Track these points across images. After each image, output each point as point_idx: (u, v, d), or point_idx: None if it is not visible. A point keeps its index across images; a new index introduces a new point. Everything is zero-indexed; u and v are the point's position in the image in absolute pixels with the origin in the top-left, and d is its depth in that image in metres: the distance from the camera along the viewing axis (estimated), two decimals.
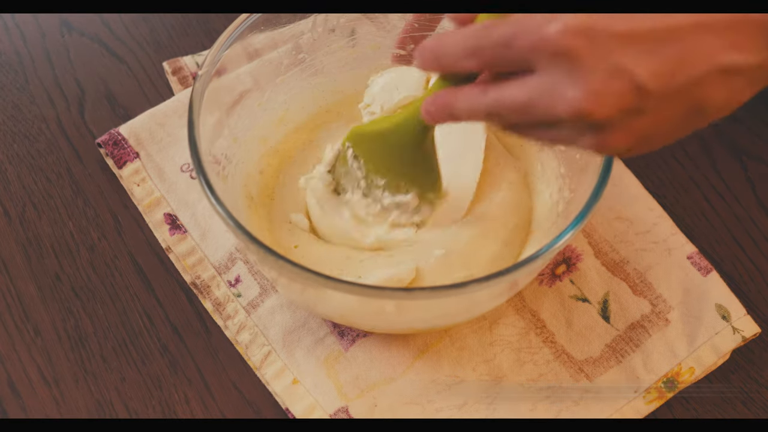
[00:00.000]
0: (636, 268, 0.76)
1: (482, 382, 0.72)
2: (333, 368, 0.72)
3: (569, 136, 0.53)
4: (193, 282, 0.75)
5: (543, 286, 0.75)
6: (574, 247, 0.77)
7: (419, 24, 0.76)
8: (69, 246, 0.77)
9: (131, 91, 0.85)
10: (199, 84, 0.68)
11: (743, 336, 0.73)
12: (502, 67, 0.53)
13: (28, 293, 0.75)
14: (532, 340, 0.73)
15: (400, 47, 0.78)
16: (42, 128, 0.82)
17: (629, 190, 0.79)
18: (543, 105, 0.51)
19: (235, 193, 0.73)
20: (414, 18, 0.76)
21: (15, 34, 0.87)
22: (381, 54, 0.79)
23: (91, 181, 0.80)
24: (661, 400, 0.72)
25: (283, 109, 0.78)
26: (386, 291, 0.64)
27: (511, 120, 0.54)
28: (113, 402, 0.71)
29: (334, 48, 0.78)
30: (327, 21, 0.77)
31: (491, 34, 0.52)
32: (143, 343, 0.73)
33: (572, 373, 0.72)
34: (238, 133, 0.74)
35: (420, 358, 0.72)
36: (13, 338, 0.73)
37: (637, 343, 0.73)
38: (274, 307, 0.74)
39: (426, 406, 0.71)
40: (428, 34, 0.77)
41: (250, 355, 0.72)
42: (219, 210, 0.63)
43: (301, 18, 0.76)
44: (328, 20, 0.77)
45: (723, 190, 0.81)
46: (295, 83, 0.78)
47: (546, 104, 0.51)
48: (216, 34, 0.86)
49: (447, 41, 0.54)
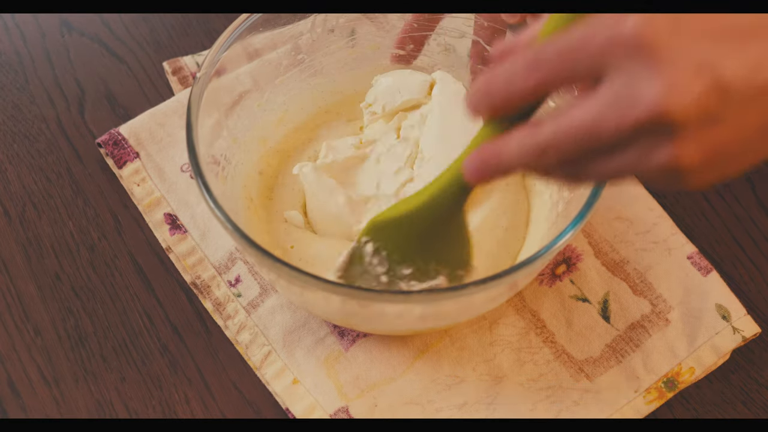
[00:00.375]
0: (636, 268, 0.76)
1: (482, 382, 0.72)
2: (333, 368, 0.72)
3: (637, 158, 0.47)
4: (193, 282, 0.75)
5: (543, 286, 0.75)
6: (574, 247, 0.77)
7: (418, 24, 0.76)
8: (69, 246, 0.77)
9: (131, 91, 0.85)
10: (198, 87, 0.68)
11: (743, 336, 0.73)
12: (568, 79, 0.48)
13: (28, 293, 0.75)
14: (532, 340, 0.73)
15: (399, 47, 0.78)
16: (42, 128, 0.82)
17: (629, 190, 0.79)
18: (614, 117, 0.46)
19: (234, 194, 0.73)
20: (413, 18, 0.76)
21: (15, 34, 0.87)
22: (381, 54, 0.79)
23: (91, 181, 0.80)
24: (661, 400, 0.72)
25: (283, 109, 0.78)
26: (384, 294, 0.64)
27: (570, 153, 0.48)
28: (113, 402, 0.71)
29: (334, 48, 0.78)
30: (326, 21, 0.77)
31: (555, 42, 0.47)
32: (143, 343, 0.73)
33: (572, 373, 0.72)
34: (237, 134, 0.74)
35: (420, 358, 0.72)
36: (13, 338, 0.73)
37: (637, 343, 0.73)
38: (275, 307, 0.74)
39: (426, 406, 0.71)
40: (428, 34, 0.77)
41: (250, 355, 0.73)
42: (216, 212, 0.63)
43: (300, 18, 0.76)
44: (327, 20, 0.77)
45: (723, 190, 0.81)
46: (294, 84, 0.78)
47: (617, 115, 0.46)
48: (216, 34, 0.86)
49: (502, 67, 0.49)
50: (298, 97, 0.78)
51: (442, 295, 0.62)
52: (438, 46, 0.79)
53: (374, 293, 0.64)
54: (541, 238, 0.72)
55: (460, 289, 0.62)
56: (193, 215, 0.77)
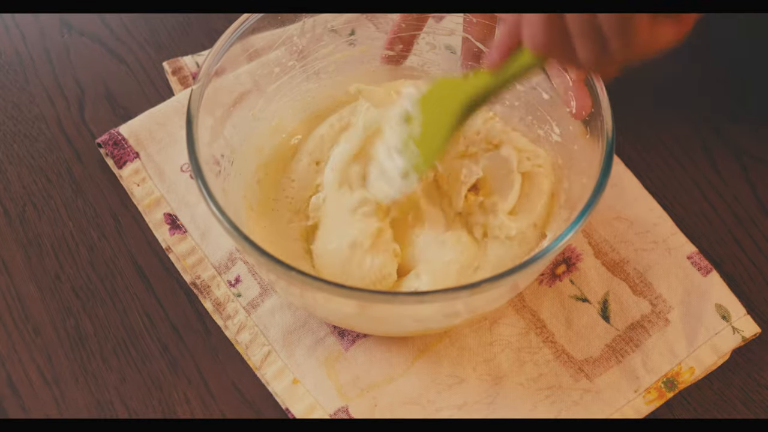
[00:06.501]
0: (636, 268, 0.76)
1: (482, 382, 0.72)
2: (333, 368, 0.72)
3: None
4: (193, 282, 0.75)
5: (543, 286, 0.75)
6: (574, 247, 0.77)
7: (406, 24, 0.76)
8: (69, 246, 0.77)
9: (131, 91, 0.85)
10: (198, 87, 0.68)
11: (743, 336, 0.73)
12: None
13: (28, 293, 0.75)
14: (532, 340, 0.73)
15: (389, 48, 0.78)
16: (42, 128, 0.82)
17: (629, 190, 0.79)
18: None
19: (234, 194, 0.73)
20: (401, 18, 0.76)
21: (15, 34, 0.87)
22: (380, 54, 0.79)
23: (91, 181, 0.80)
24: (661, 400, 0.72)
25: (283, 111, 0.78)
26: (385, 296, 0.64)
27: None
28: (113, 402, 0.71)
29: (333, 49, 0.78)
30: (327, 22, 0.77)
31: None
32: (143, 343, 0.73)
33: (572, 373, 0.72)
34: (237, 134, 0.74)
35: (420, 358, 0.72)
36: (13, 338, 0.73)
37: (637, 343, 0.73)
38: (274, 307, 0.74)
39: (426, 406, 0.71)
40: (416, 33, 0.77)
41: (250, 355, 0.73)
42: (216, 213, 0.63)
43: (300, 18, 0.76)
44: (327, 21, 0.77)
45: (723, 190, 0.81)
46: (294, 84, 0.78)
47: None
48: (216, 34, 0.86)
49: None
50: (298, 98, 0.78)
51: (443, 296, 0.62)
52: (427, 45, 0.79)
53: (374, 294, 0.64)
54: None
55: (460, 290, 0.62)
56: (193, 215, 0.77)
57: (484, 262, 0.71)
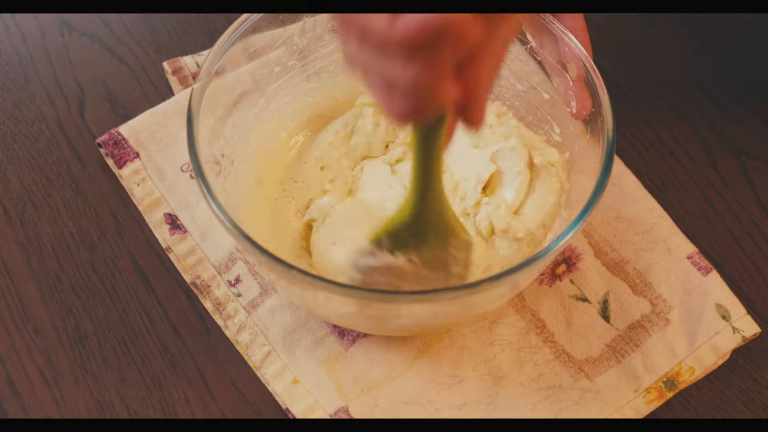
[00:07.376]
0: (636, 268, 0.76)
1: (482, 382, 0.72)
2: (333, 368, 0.72)
3: None
4: (193, 282, 0.75)
5: (543, 285, 0.75)
6: (574, 247, 0.77)
7: None
8: (69, 246, 0.77)
9: (131, 91, 0.85)
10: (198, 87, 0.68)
11: (743, 336, 0.73)
12: None
13: (28, 293, 0.75)
14: (532, 340, 0.73)
15: None
16: (42, 128, 0.82)
17: (629, 190, 0.79)
18: None
19: (234, 194, 0.73)
20: None
21: (15, 34, 0.87)
22: None
23: (91, 181, 0.80)
24: (661, 400, 0.72)
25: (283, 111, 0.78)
26: (384, 295, 0.64)
27: None
28: (113, 402, 0.71)
29: (333, 49, 0.78)
30: (327, 21, 0.77)
31: None
32: (143, 343, 0.73)
33: (572, 373, 0.72)
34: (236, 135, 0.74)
35: (420, 358, 0.72)
36: (13, 338, 0.73)
37: (637, 343, 0.73)
38: (275, 307, 0.74)
39: (426, 406, 0.71)
40: None
41: (250, 355, 0.73)
42: (217, 212, 0.63)
43: (301, 18, 0.76)
44: (328, 20, 0.77)
45: (723, 190, 0.81)
46: (294, 84, 0.78)
47: None
48: (216, 34, 0.86)
49: None
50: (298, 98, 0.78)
51: (443, 295, 0.62)
52: None
53: (374, 293, 0.63)
54: None
55: (460, 289, 0.62)
56: (193, 215, 0.77)
57: (495, 263, 0.71)
